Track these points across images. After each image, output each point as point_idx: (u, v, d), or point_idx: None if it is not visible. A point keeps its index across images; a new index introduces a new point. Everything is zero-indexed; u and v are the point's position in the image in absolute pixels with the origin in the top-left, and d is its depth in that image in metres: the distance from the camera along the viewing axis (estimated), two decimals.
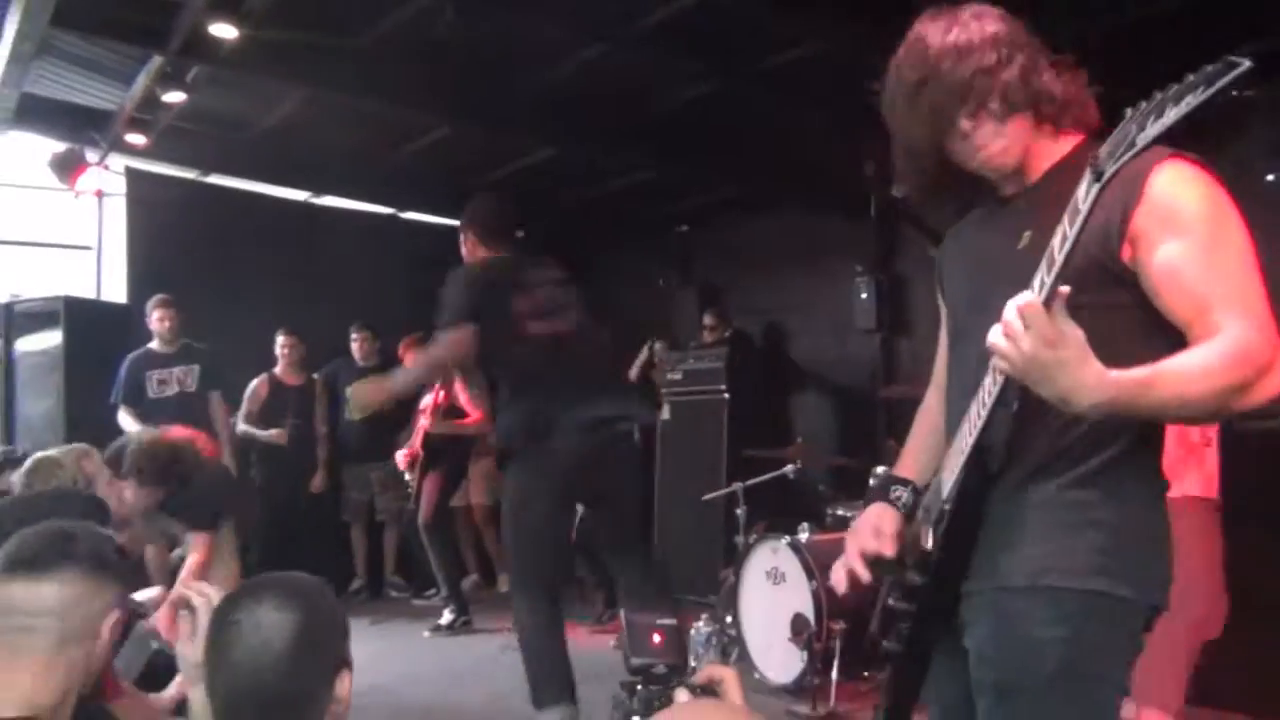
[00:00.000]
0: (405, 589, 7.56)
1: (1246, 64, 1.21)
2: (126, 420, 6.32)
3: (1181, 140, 1.46)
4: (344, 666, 1.58)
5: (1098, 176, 1.35)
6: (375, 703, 4.66)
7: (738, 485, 5.46)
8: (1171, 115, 1.27)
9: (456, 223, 4.39)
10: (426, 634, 6.20)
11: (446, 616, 6.28)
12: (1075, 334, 1.37)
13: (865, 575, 1.79)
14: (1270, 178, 4.77)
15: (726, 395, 6.98)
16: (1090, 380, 1.38)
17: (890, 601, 1.76)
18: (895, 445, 5.79)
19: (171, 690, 2.61)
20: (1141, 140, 1.30)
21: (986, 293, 1.58)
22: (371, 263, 7.73)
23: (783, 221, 7.50)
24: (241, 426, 6.98)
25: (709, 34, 5.25)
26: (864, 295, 6.97)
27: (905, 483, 1.86)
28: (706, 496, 6.09)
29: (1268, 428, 3.54)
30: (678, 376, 7.27)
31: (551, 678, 3.77)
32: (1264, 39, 4.20)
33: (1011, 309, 1.37)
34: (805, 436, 5.97)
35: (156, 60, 5.59)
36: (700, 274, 8.39)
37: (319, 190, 8.14)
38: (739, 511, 5.36)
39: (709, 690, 1.33)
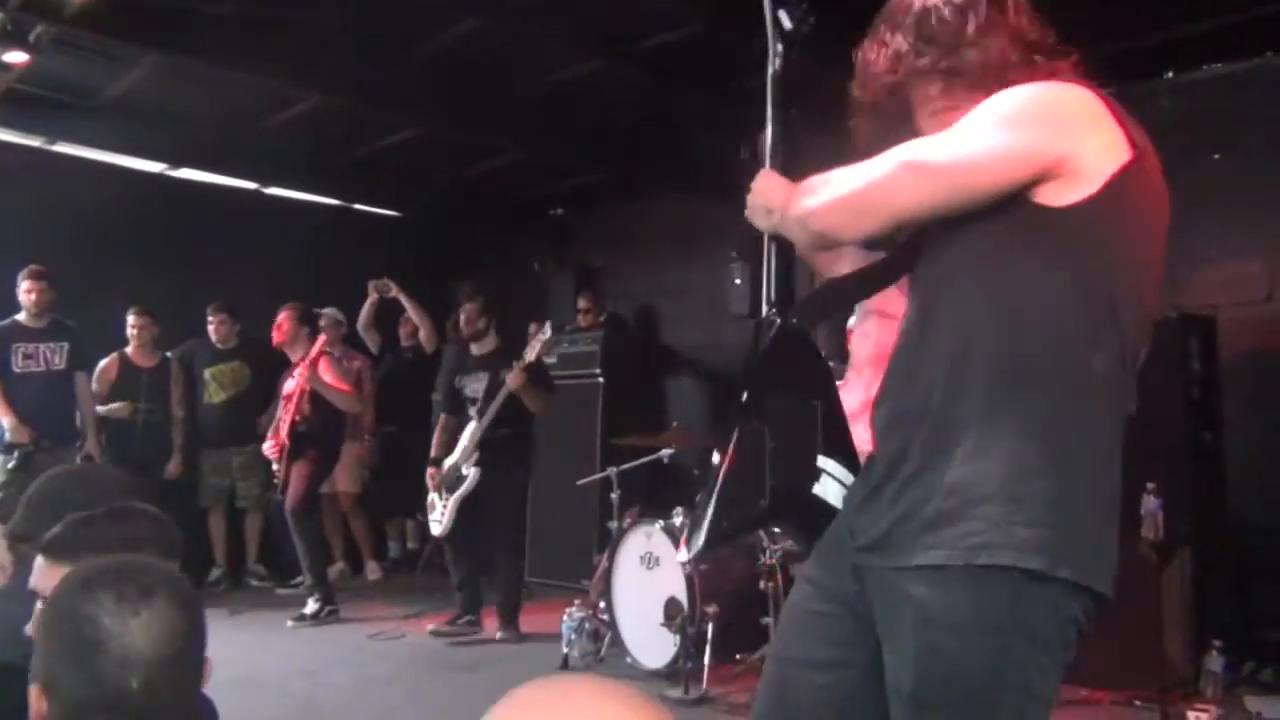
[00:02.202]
0: (268, 578, 7.31)
1: None
2: None
3: None
4: None
5: None
6: (235, 698, 4.46)
7: (612, 470, 5.43)
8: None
9: (323, 199, 4.23)
10: (290, 624, 6.00)
11: (312, 606, 6.09)
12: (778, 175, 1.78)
13: None
14: None
15: (601, 379, 6.94)
16: (775, 192, 1.75)
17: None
18: None
19: None
20: None
21: None
22: (233, 240, 7.42)
23: (658, 206, 7.49)
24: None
25: (587, 12, 5.18)
26: (738, 281, 7.01)
27: None
28: (580, 481, 6.05)
29: None
30: (552, 360, 7.19)
31: None
32: None
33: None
34: (679, 421, 5.98)
35: None
36: (576, 257, 8.33)
37: (175, 163, 7.76)
38: (613, 496, 5.33)
39: None
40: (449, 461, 5.67)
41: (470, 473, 5.53)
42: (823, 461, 1.67)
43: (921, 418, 1.50)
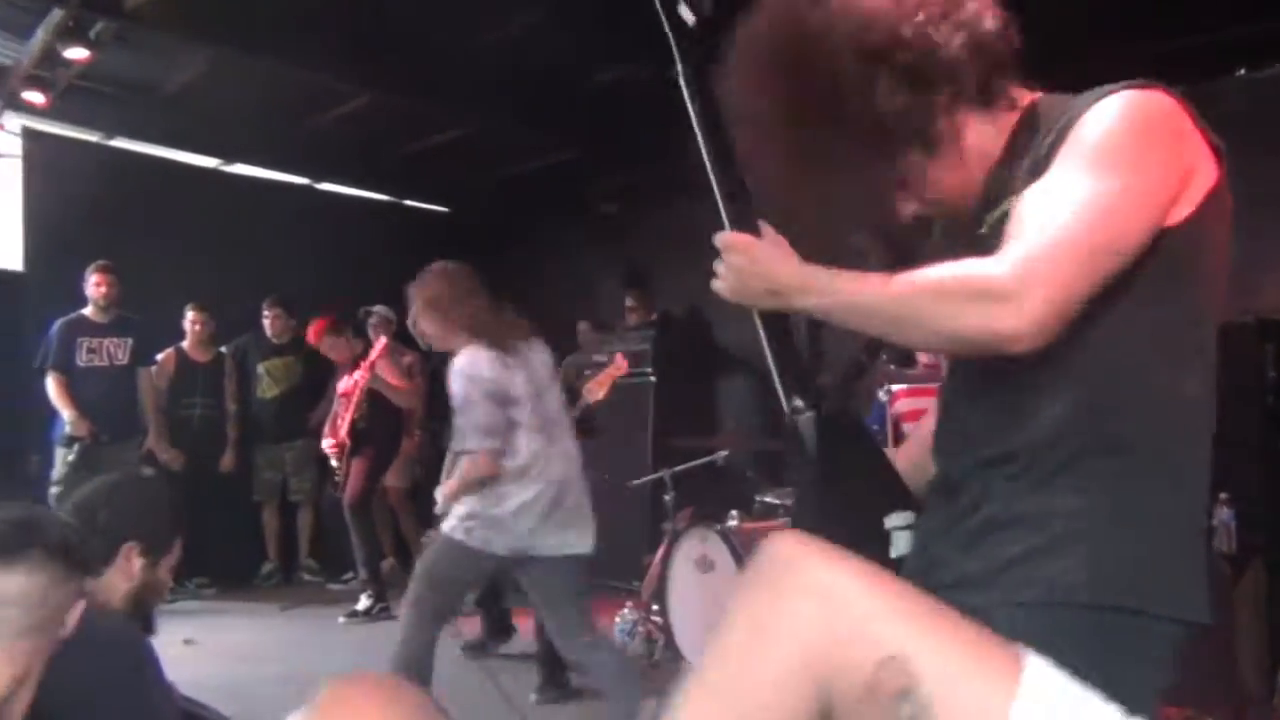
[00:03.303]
0: (319, 573, 7.35)
1: None
2: (52, 388, 6.18)
3: None
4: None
5: None
6: (287, 693, 4.46)
7: (665, 471, 5.36)
8: None
9: (374, 195, 4.24)
10: (341, 620, 6.00)
11: (364, 602, 6.09)
12: (769, 239, 1.52)
13: None
14: None
15: (653, 379, 6.88)
16: (789, 271, 1.49)
17: None
18: None
19: None
20: None
21: None
22: (286, 235, 7.46)
23: (708, 204, 7.39)
24: None
25: (637, 10, 5.13)
26: None
27: None
28: (634, 481, 5.99)
29: None
30: (603, 359, 7.14)
31: None
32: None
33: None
34: (732, 422, 5.90)
35: (57, 14, 5.30)
36: (625, 255, 8.28)
37: (230, 157, 7.83)
38: (666, 498, 5.27)
39: None
40: None
41: None
42: (889, 521, 1.60)
43: (1013, 453, 1.43)
